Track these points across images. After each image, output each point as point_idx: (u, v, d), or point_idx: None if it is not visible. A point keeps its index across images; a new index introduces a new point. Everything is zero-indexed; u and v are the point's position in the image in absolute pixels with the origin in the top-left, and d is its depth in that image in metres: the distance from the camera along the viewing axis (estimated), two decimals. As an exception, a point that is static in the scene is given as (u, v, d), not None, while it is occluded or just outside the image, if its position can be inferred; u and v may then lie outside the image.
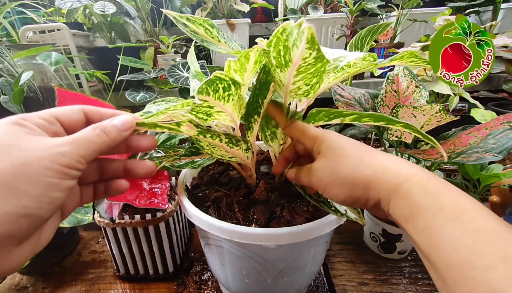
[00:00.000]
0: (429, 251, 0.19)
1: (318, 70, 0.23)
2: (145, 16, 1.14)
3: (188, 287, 0.50)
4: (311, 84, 0.26)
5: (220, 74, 0.23)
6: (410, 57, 0.31)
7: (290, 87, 0.27)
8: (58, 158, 0.19)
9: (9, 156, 0.17)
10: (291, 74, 0.24)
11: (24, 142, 0.18)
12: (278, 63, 0.24)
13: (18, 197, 0.17)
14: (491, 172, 0.50)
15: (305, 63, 0.22)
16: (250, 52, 0.25)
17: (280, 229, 0.31)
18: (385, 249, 0.54)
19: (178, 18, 0.34)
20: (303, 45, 0.20)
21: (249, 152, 0.33)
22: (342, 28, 1.10)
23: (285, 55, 0.22)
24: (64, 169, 0.19)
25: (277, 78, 0.27)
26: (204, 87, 0.23)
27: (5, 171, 0.16)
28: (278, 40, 0.21)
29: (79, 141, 0.20)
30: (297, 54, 0.21)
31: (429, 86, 0.65)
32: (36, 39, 1.01)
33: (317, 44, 0.20)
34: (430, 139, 0.27)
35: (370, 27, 0.60)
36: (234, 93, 0.27)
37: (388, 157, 0.25)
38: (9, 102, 0.65)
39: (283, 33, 0.20)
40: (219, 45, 0.36)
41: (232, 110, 0.29)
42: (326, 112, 0.29)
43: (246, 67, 0.27)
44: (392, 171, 0.23)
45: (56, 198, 0.19)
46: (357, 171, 0.25)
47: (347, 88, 0.55)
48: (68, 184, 0.19)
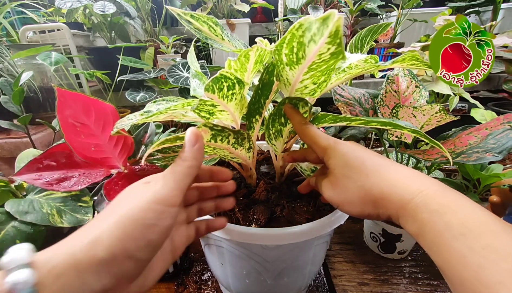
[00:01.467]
0: (441, 266, 0.19)
1: (329, 68, 0.23)
2: (145, 16, 1.14)
3: (188, 287, 0.50)
4: (319, 82, 0.26)
5: (226, 72, 0.23)
6: (412, 60, 0.31)
7: (297, 86, 0.27)
8: (153, 196, 0.20)
9: (126, 205, 0.20)
10: (301, 71, 0.24)
11: (137, 192, 0.21)
12: (289, 60, 0.23)
13: (124, 240, 0.19)
14: (491, 172, 0.50)
15: (319, 60, 0.22)
16: (249, 51, 0.25)
17: (280, 229, 0.31)
18: (385, 249, 0.54)
19: (182, 15, 0.34)
20: (323, 40, 0.20)
21: (250, 151, 0.33)
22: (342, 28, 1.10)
23: (298, 52, 0.22)
24: (160, 207, 0.20)
25: (284, 76, 0.26)
26: (210, 85, 0.23)
27: (119, 217, 0.19)
28: (292, 36, 0.21)
29: (167, 176, 0.22)
30: (313, 50, 0.21)
31: (429, 86, 0.65)
32: (36, 39, 1.01)
33: (339, 39, 0.20)
34: (437, 144, 0.27)
35: (370, 27, 0.60)
36: (237, 93, 0.26)
37: (394, 170, 0.25)
38: (9, 102, 0.65)
39: (299, 29, 0.20)
40: (222, 43, 0.35)
41: (234, 110, 0.29)
42: (332, 116, 0.29)
43: (247, 67, 0.27)
44: (397, 189, 0.23)
45: (153, 240, 0.20)
46: (364, 191, 0.25)
47: (347, 88, 0.55)
48: (165, 224, 0.20)
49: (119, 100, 1.06)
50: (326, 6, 1.16)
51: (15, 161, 0.54)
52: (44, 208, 0.44)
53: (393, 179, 0.24)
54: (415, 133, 0.27)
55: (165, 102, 0.37)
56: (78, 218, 0.49)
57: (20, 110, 0.66)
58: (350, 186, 0.26)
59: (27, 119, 0.65)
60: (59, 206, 0.46)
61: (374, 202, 0.24)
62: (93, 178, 0.42)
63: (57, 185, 0.41)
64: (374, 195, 0.24)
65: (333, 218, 0.33)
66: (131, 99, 0.87)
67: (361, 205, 0.25)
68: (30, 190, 0.49)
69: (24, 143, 0.79)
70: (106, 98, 0.95)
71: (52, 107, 0.90)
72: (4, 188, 0.47)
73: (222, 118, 0.30)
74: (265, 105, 0.30)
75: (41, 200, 0.46)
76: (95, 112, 0.43)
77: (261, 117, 0.32)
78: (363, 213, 0.26)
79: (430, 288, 0.48)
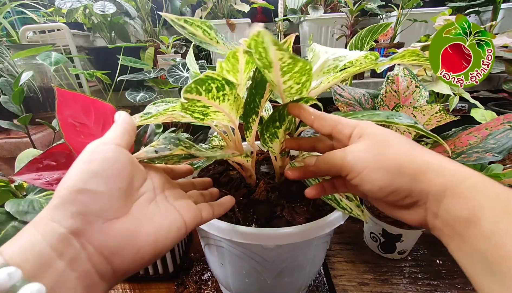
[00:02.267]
0: (498, 261, 0.16)
1: (303, 69, 0.23)
2: (145, 16, 1.14)
3: (188, 287, 0.50)
4: (302, 82, 0.25)
5: (212, 73, 0.23)
6: (412, 55, 0.31)
7: (283, 87, 0.26)
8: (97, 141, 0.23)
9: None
10: (277, 74, 0.24)
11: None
12: (263, 64, 0.23)
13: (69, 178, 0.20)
14: (491, 172, 0.49)
15: (284, 64, 0.22)
16: (236, 52, 0.24)
17: (280, 229, 0.31)
18: (385, 249, 0.54)
19: (176, 20, 0.33)
20: (273, 48, 0.20)
21: (248, 158, 0.34)
22: (342, 28, 1.10)
23: (266, 56, 0.22)
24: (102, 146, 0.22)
25: (269, 78, 0.26)
26: (193, 86, 0.22)
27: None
28: (256, 42, 0.20)
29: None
30: (273, 57, 0.21)
31: (429, 86, 0.65)
32: (36, 39, 1.01)
33: (284, 48, 0.20)
34: (434, 136, 0.26)
35: (370, 27, 0.60)
36: (229, 93, 0.26)
37: (440, 155, 0.22)
38: (9, 102, 0.65)
39: (259, 36, 0.20)
40: (217, 46, 0.35)
41: (229, 110, 0.29)
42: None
43: (238, 67, 0.27)
44: (448, 167, 0.20)
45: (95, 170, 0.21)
46: (407, 157, 0.21)
47: (347, 88, 0.55)
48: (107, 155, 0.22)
49: (119, 100, 1.05)
50: (326, 6, 1.16)
51: (15, 161, 0.54)
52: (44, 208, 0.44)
53: (441, 158, 0.21)
54: (411, 127, 0.26)
55: (164, 104, 0.37)
56: (78, 218, 0.49)
57: (20, 110, 0.66)
58: (389, 150, 0.22)
59: (27, 119, 0.65)
60: (59, 206, 0.46)
61: (416, 172, 0.21)
62: (93, 178, 0.42)
63: (57, 185, 0.41)
64: (418, 165, 0.21)
65: (332, 218, 0.33)
66: (131, 99, 0.87)
67: (396, 172, 0.21)
68: (30, 190, 0.49)
69: (24, 144, 0.79)
70: (106, 98, 0.95)
71: (52, 107, 0.90)
72: (4, 188, 0.47)
73: (218, 119, 0.30)
74: (261, 104, 0.30)
75: (41, 200, 0.46)
76: (95, 112, 0.43)
77: (258, 116, 0.32)
78: (392, 183, 0.22)
79: (430, 288, 0.48)
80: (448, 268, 0.51)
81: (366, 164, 0.23)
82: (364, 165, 0.23)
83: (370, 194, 0.24)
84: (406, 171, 0.21)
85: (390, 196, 0.22)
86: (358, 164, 0.23)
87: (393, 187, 0.22)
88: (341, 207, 0.34)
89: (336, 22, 1.12)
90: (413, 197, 0.21)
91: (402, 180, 0.21)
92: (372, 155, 0.23)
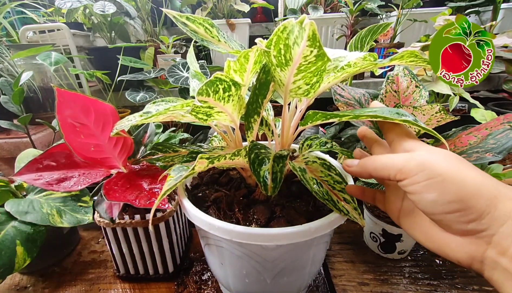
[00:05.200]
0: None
1: (319, 69, 0.23)
2: (145, 16, 1.15)
3: (188, 287, 0.50)
4: (311, 83, 0.26)
5: (221, 75, 0.23)
6: (410, 56, 0.31)
7: (290, 87, 0.27)
8: None
9: None
10: (291, 73, 0.24)
11: None
12: (278, 62, 0.24)
13: None
14: (491, 172, 0.50)
15: (305, 62, 0.22)
16: (249, 52, 0.25)
17: (280, 229, 0.31)
18: (385, 249, 0.54)
19: (178, 17, 0.34)
20: (304, 43, 0.20)
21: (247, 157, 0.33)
22: (342, 28, 1.10)
23: (285, 54, 0.22)
24: None
25: (277, 77, 0.27)
26: (204, 88, 0.23)
27: None
28: (278, 38, 0.21)
29: None
30: (297, 53, 0.21)
31: (429, 86, 0.65)
32: (36, 39, 1.01)
33: (318, 42, 0.20)
34: (431, 131, 0.26)
35: (370, 27, 0.60)
36: (234, 94, 0.27)
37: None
38: (9, 102, 0.65)
39: (284, 31, 0.20)
40: (219, 44, 0.35)
41: (232, 111, 0.29)
42: (322, 114, 0.29)
43: (246, 67, 0.27)
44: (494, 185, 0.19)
45: None
46: (487, 180, 0.20)
47: (347, 88, 0.55)
48: None
49: (119, 100, 1.06)
50: (326, 6, 1.16)
51: (15, 161, 0.54)
52: (44, 208, 0.44)
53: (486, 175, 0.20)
54: (408, 123, 0.26)
55: (164, 103, 0.37)
56: (78, 218, 0.49)
57: (20, 110, 0.66)
58: (469, 167, 0.21)
59: (27, 119, 0.65)
60: (59, 206, 0.46)
61: (493, 193, 0.19)
62: (93, 178, 0.42)
63: (57, 185, 0.41)
64: (494, 186, 0.19)
65: (333, 218, 0.33)
66: (131, 99, 0.87)
67: (474, 192, 0.19)
68: (30, 190, 0.49)
69: (24, 144, 0.79)
70: (106, 98, 0.95)
71: (52, 107, 0.90)
72: (4, 188, 0.47)
73: (220, 120, 0.30)
74: (263, 105, 0.31)
75: (41, 200, 0.46)
76: (95, 112, 0.43)
77: (259, 117, 0.32)
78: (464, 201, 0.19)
79: (430, 288, 0.48)
80: (448, 268, 0.51)
81: (440, 172, 0.20)
82: (437, 172, 0.20)
83: (428, 205, 0.21)
84: (485, 193, 0.19)
85: (454, 214, 0.20)
86: (429, 170, 0.20)
87: (465, 204, 0.19)
88: (338, 208, 0.34)
89: (336, 22, 1.12)
90: (481, 223, 0.19)
91: (478, 201, 0.19)
92: (452, 164, 0.20)
